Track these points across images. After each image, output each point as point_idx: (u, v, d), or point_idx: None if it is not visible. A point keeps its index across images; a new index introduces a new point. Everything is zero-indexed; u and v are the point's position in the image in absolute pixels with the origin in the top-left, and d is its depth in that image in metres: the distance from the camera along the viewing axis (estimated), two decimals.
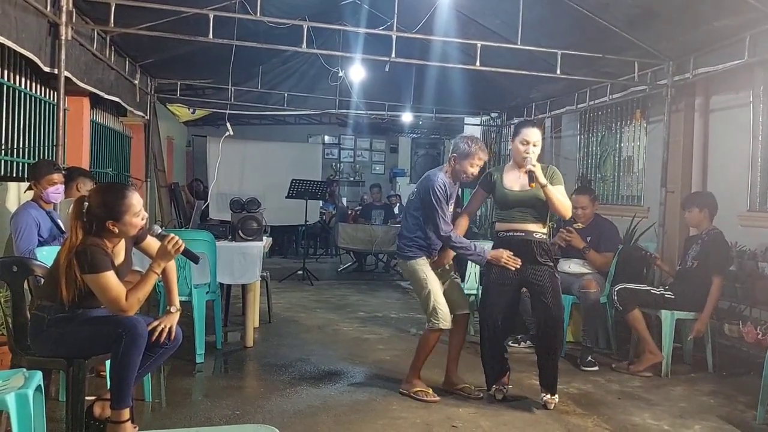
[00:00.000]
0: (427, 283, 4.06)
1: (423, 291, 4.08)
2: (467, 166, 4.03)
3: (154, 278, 3.09)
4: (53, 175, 4.22)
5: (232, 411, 3.77)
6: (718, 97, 6.19)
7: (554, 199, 3.91)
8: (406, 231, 4.20)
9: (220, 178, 9.55)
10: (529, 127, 4.02)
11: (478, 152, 4.01)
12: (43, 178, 4.20)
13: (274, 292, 6.97)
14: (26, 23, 4.26)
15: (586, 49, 6.16)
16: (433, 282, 4.08)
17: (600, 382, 4.61)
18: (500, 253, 3.97)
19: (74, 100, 6.21)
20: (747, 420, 3.90)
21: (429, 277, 4.08)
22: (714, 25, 5.17)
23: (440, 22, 6.67)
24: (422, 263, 4.11)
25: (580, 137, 8.95)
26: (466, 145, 4.02)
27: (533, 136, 3.96)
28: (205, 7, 5.49)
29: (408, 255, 4.14)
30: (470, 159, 4.01)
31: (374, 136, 15.90)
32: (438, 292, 4.07)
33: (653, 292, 4.92)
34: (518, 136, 4.00)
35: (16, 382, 2.66)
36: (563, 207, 3.98)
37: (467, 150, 4.01)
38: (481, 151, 4.02)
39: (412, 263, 4.12)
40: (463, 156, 4.02)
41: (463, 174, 4.06)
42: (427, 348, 4.14)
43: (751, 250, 5.14)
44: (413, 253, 4.12)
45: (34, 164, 4.56)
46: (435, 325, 4.04)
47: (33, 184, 4.26)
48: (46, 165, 4.38)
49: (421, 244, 4.12)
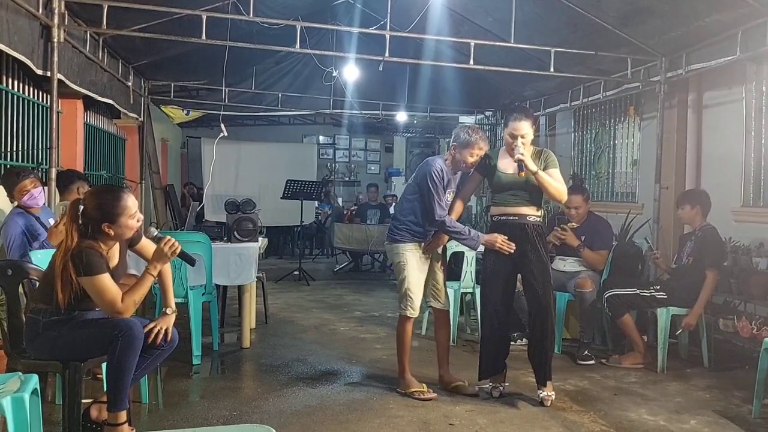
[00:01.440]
0: (406, 268, 4.08)
1: (400, 275, 4.12)
2: (467, 155, 4.02)
3: (150, 280, 3.09)
4: (22, 183, 4.12)
5: (229, 412, 3.77)
6: (711, 93, 6.21)
7: (547, 185, 3.91)
8: (399, 214, 4.24)
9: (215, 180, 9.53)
10: (518, 120, 3.95)
11: (478, 141, 4.01)
12: (14, 189, 4.13)
13: (271, 292, 6.97)
14: (18, 26, 4.25)
15: (579, 46, 6.18)
16: (412, 269, 4.08)
17: (596, 379, 4.62)
18: (495, 237, 3.98)
19: (67, 102, 6.20)
20: (743, 414, 3.92)
21: (410, 263, 4.08)
22: (706, 20, 5.19)
23: (433, 21, 6.69)
24: (407, 248, 4.11)
25: (575, 134, 8.97)
26: (467, 135, 4.01)
27: (520, 129, 3.93)
28: (197, 8, 5.49)
29: (395, 238, 4.16)
30: (470, 149, 4.01)
31: (369, 136, 15.89)
32: (414, 281, 4.08)
33: (644, 295, 4.91)
34: (507, 127, 4.01)
35: (12, 386, 2.65)
36: (557, 192, 3.97)
37: (467, 139, 4.00)
38: (481, 140, 4.02)
39: (398, 246, 4.13)
40: (463, 145, 4.02)
41: (462, 163, 4.06)
42: (403, 339, 4.14)
43: (745, 245, 5.16)
44: (401, 237, 4.13)
45: (2, 177, 4.37)
46: (403, 311, 4.09)
47: (9, 196, 4.21)
48: (11, 176, 4.20)
49: (412, 229, 4.12)
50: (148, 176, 9.05)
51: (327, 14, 8.12)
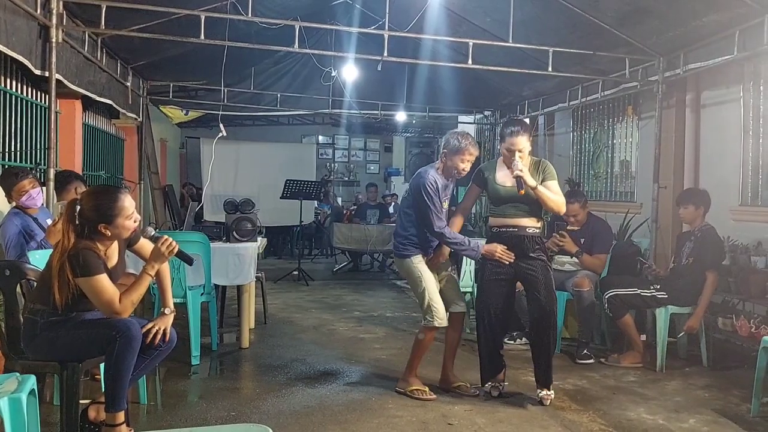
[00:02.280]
0: (422, 281, 4.07)
1: (418, 288, 4.09)
2: (458, 161, 4.02)
3: (148, 280, 3.08)
4: (20, 184, 4.12)
5: (228, 412, 3.77)
6: (709, 93, 6.21)
7: (546, 199, 3.91)
8: (400, 229, 4.22)
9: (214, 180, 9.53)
10: (514, 135, 3.92)
11: (468, 147, 4.00)
12: (12, 190, 4.12)
13: (270, 292, 6.96)
14: (16, 26, 4.24)
15: (577, 46, 6.18)
16: (428, 280, 4.08)
17: (595, 378, 4.62)
18: (494, 248, 3.98)
19: (66, 102, 6.20)
20: (741, 413, 3.92)
21: (424, 274, 4.09)
22: (703, 20, 5.19)
23: (432, 21, 6.69)
24: (417, 261, 4.11)
25: (573, 134, 8.97)
26: (456, 141, 4.01)
27: (518, 144, 3.91)
28: (196, 8, 5.48)
29: (403, 253, 4.15)
30: (460, 155, 4.01)
31: (368, 136, 15.90)
32: (433, 289, 4.08)
33: (644, 295, 4.91)
34: (504, 141, 3.99)
35: (9, 387, 2.64)
36: (556, 205, 3.97)
37: (457, 145, 4.00)
38: (471, 146, 4.01)
39: (407, 261, 4.13)
40: (453, 152, 4.02)
41: (454, 170, 4.05)
42: (423, 346, 4.14)
43: (744, 244, 5.16)
44: (408, 252, 4.13)
45: (0, 177, 4.36)
46: (430, 323, 4.04)
47: (7, 197, 4.21)
48: (10, 176, 4.20)
49: (415, 242, 4.12)
50: (147, 176, 9.05)
51: (326, 14, 8.12)
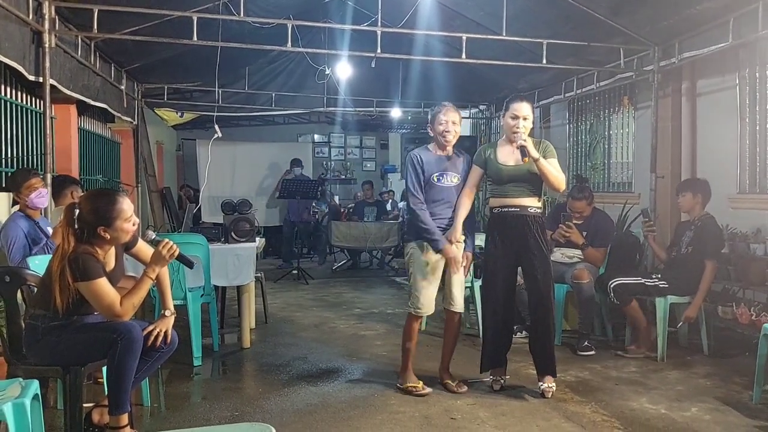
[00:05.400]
0: (412, 265, 4.09)
1: (408, 272, 4.16)
2: (437, 126, 4.08)
3: (149, 283, 3.09)
4: (32, 180, 4.20)
5: (231, 412, 3.77)
6: (705, 81, 6.22)
7: (547, 172, 3.90)
8: (406, 212, 4.26)
9: (211, 181, 9.53)
10: (519, 101, 3.99)
11: (439, 111, 4.09)
12: (23, 185, 4.17)
13: (270, 292, 6.96)
14: (9, 32, 4.24)
15: (571, 37, 6.18)
16: (418, 267, 4.05)
17: (597, 369, 4.63)
18: (451, 252, 3.97)
19: (61, 107, 6.19)
20: (743, 401, 3.93)
21: (415, 261, 4.07)
22: (698, 8, 5.19)
23: (425, 16, 6.68)
24: (412, 246, 4.10)
25: (569, 126, 8.98)
26: (431, 110, 4.18)
27: (523, 110, 3.95)
28: (188, 9, 5.47)
29: (405, 237, 4.29)
30: (436, 121, 4.08)
31: (364, 133, 15.89)
32: (421, 278, 4.03)
33: (647, 284, 4.94)
34: (508, 110, 4.01)
35: (13, 392, 2.65)
36: (557, 180, 3.95)
37: (432, 113, 4.14)
38: (444, 108, 4.09)
39: (406, 245, 4.19)
40: (431, 121, 4.13)
41: (440, 137, 4.07)
42: (406, 334, 4.14)
43: (743, 232, 5.17)
44: (407, 236, 4.21)
45: (12, 175, 4.49)
46: (409, 309, 4.10)
47: (15, 195, 4.23)
48: (23, 172, 4.36)
49: (412, 230, 4.13)
50: (144, 179, 9.04)
51: (318, 12, 8.09)
